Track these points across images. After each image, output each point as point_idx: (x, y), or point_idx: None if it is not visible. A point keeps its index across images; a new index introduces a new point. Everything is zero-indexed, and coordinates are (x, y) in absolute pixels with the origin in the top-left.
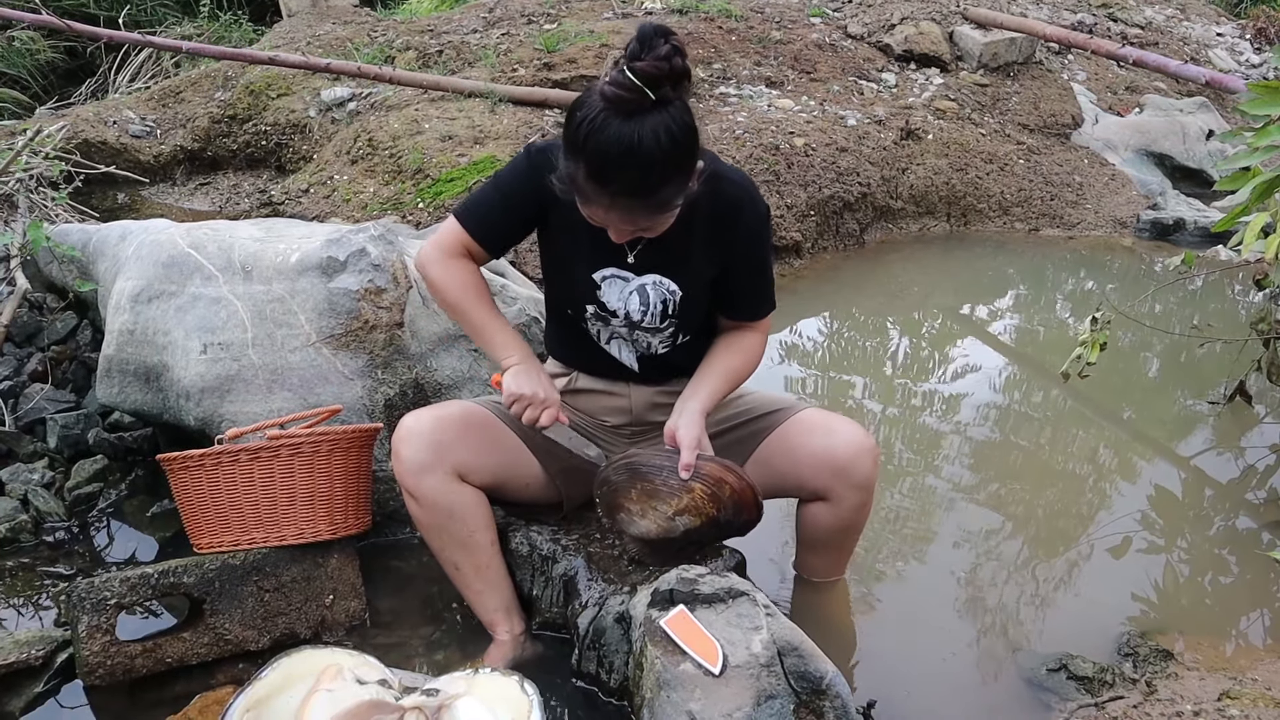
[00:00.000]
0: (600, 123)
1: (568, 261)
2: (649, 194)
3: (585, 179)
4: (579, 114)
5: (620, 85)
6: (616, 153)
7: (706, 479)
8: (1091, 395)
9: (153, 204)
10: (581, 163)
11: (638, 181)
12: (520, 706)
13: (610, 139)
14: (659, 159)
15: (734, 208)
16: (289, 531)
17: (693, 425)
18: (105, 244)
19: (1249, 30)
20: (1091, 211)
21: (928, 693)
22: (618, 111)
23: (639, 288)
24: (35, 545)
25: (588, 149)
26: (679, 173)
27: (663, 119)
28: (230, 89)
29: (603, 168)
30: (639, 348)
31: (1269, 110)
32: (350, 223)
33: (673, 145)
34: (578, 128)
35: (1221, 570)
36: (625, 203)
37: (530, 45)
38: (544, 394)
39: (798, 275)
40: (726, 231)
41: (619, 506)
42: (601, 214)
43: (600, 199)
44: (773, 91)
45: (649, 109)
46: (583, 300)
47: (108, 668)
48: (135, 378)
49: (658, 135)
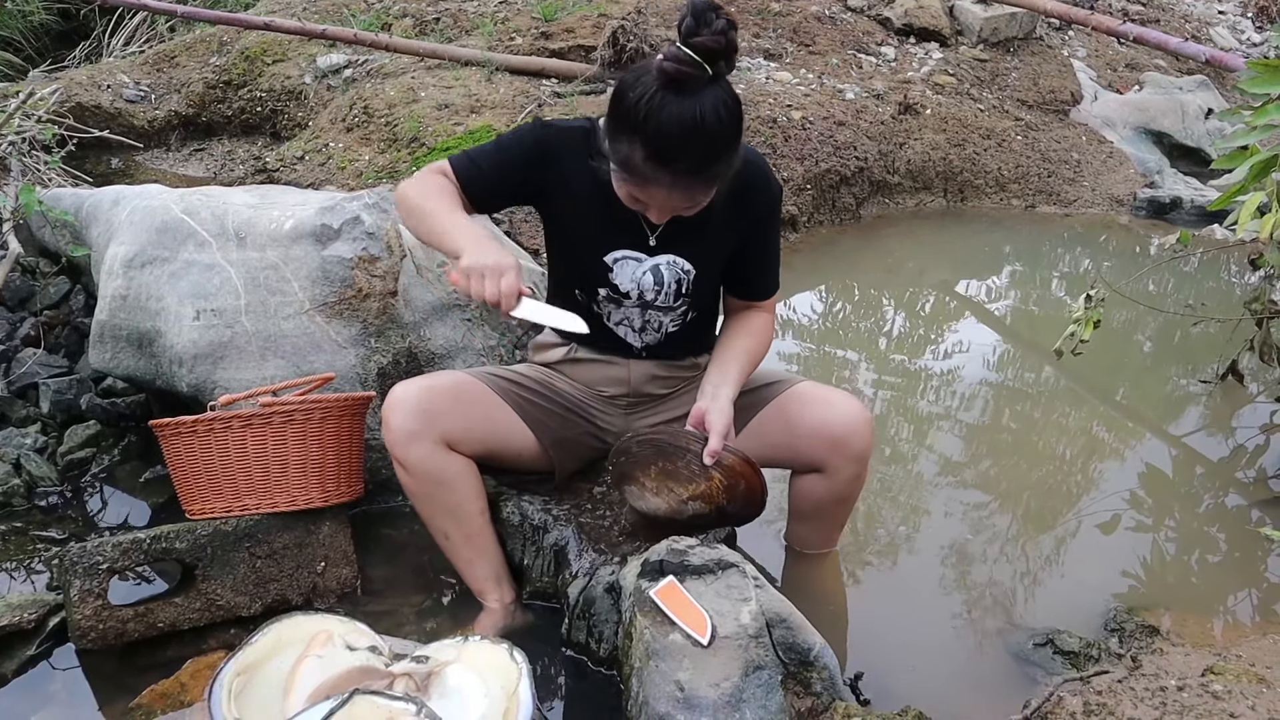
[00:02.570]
0: (660, 101)
1: (576, 247)
2: (710, 170)
3: (645, 160)
4: (633, 93)
5: (680, 60)
6: (679, 130)
7: (728, 470)
8: (1084, 373)
9: (147, 169)
10: (639, 143)
11: (702, 158)
12: (509, 674)
13: (673, 116)
14: (720, 133)
15: (752, 186)
16: (281, 498)
17: (725, 413)
18: (98, 209)
19: (1251, 8)
20: (1089, 189)
21: (915, 665)
22: (677, 88)
23: (652, 268)
24: (28, 510)
25: (648, 128)
26: (734, 146)
27: (719, 93)
28: (225, 54)
29: (666, 146)
30: (650, 327)
31: (1268, 89)
32: (345, 191)
33: (731, 119)
34: (634, 106)
35: (1209, 548)
36: (687, 180)
37: (528, 14)
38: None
39: (794, 249)
40: (744, 209)
41: (633, 479)
42: (661, 194)
43: (661, 178)
44: (771, 64)
45: (706, 84)
46: (594, 284)
47: (100, 632)
48: (128, 343)
49: (718, 110)
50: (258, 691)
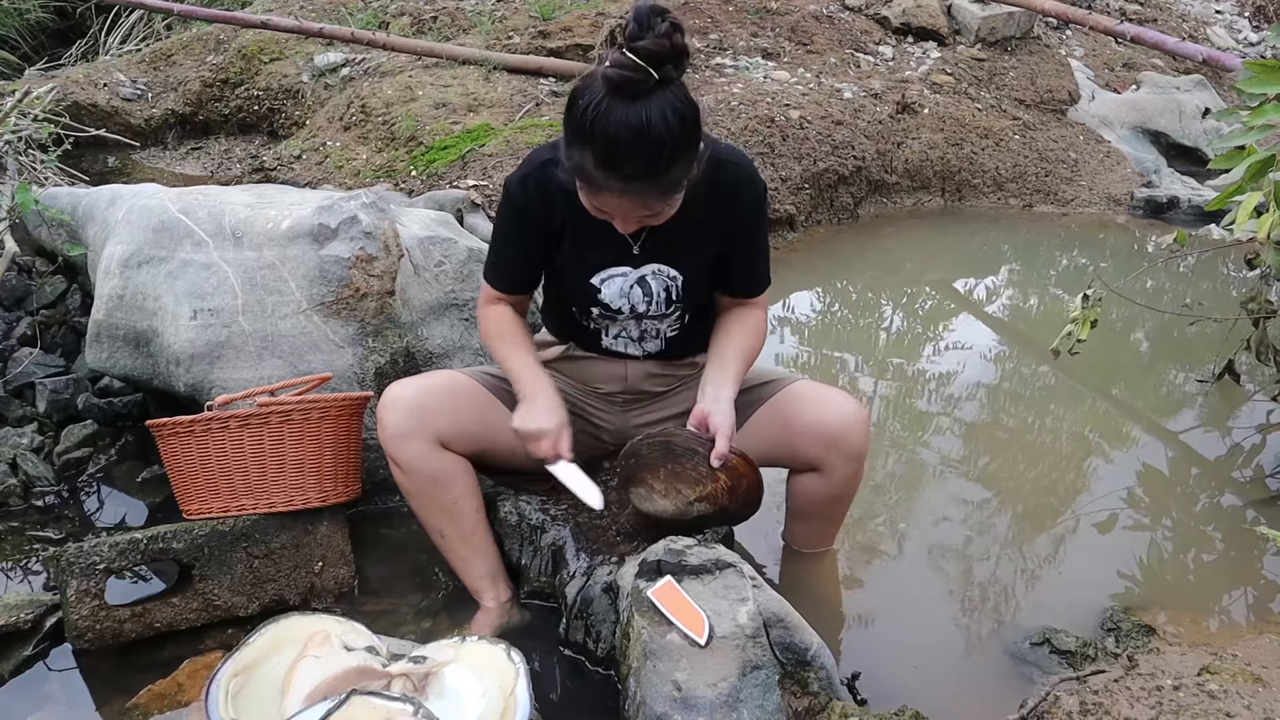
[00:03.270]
0: (605, 107)
1: (563, 273)
2: (661, 174)
3: (595, 166)
4: (581, 101)
5: (623, 66)
6: (626, 135)
7: (732, 471)
8: (1081, 372)
9: (143, 168)
10: (589, 150)
11: (649, 162)
12: (507, 674)
13: (618, 122)
14: (668, 138)
15: (733, 188)
16: (278, 498)
17: (729, 415)
18: (95, 208)
19: (1248, 8)
20: (1086, 188)
21: (912, 665)
22: (622, 94)
23: (639, 279)
24: (24, 509)
25: (595, 134)
26: (687, 151)
27: (668, 97)
28: (222, 53)
29: (612, 152)
30: (649, 335)
31: (1265, 89)
32: (342, 190)
33: (680, 123)
34: (582, 114)
35: (1206, 547)
36: (638, 186)
37: (526, 13)
38: (549, 425)
39: (791, 248)
40: (726, 212)
41: (640, 480)
42: (614, 201)
43: (612, 184)
44: (769, 63)
45: (653, 89)
46: (586, 304)
47: (96, 632)
48: (125, 343)
49: (665, 114)
50: (255, 692)
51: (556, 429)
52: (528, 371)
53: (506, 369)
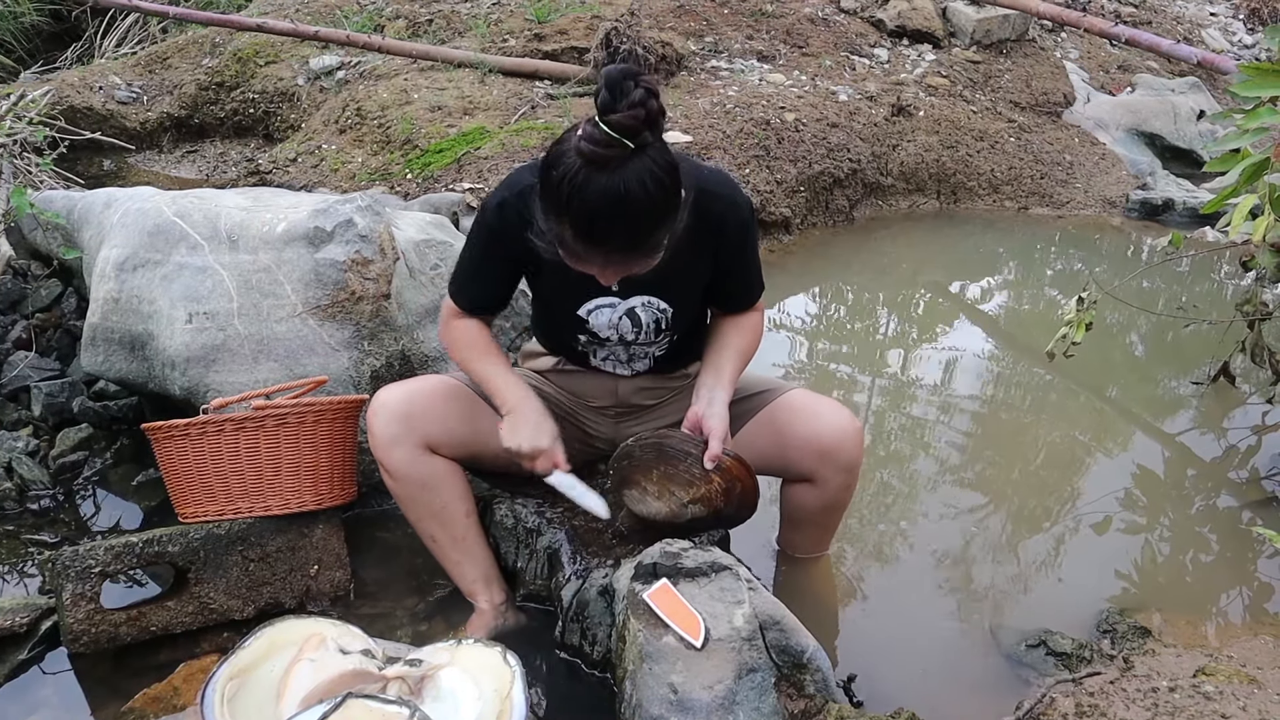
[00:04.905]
0: (582, 180)
1: (550, 303)
2: (642, 242)
3: (574, 239)
4: (556, 172)
5: (597, 141)
6: (605, 208)
7: (727, 473)
8: (1077, 374)
9: (139, 171)
10: (567, 222)
11: (630, 234)
12: (503, 677)
13: (595, 195)
14: (648, 207)
15: (718, 220)
16: (274, 502)
17: (722, 418)
18: (90, 211)
19: (1242, 10)
20: (1081, 190)
21: (908, 667)
22: (596, 167)
23: (628, 311)
24: (20, 513)
25: (573, 209)
26: (669, 215)
27: (645, 164)
28: (218, 56)
29: (591, 226)
30: (637, 357)
31: (1260, 92)
32: (338, 193)
33: (660, 190)
34: (558, 187)
35: (1201, 549)
36: (621, 257)
37: (521, 15)
38: (543, 444)
39: (787, 251)
40: (714, 242)
41: (634, 483)
42: (598, 269)
43: (593, 256)
44: (764, 65)
45: (629, 158)
46: (574, 332)
47: (92, 635)
48: (120, 346)
49: (644, 183)
50: (251, 695)
51: (550, 445)
52: (506, 383)
53: (482, 380)
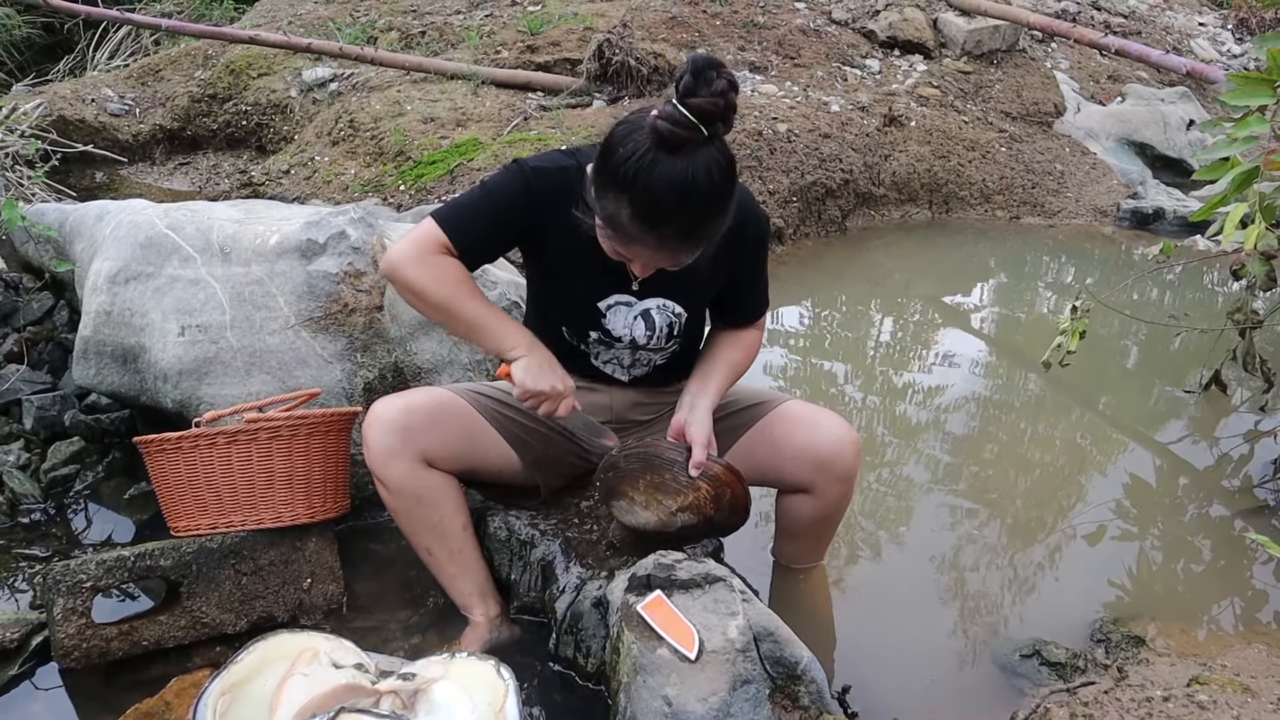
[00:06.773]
0: (651, 160)
1: (569, 290)
2: (698, 232)
3: (631, 219)
4: (623, 149)
5: (675, 121)
6: (670, 192)
7: (714, 480)
8: (1068, 384)
9: (131, 183)
10: (626, 201)
11: (691, 221)
12: (496, 690)
13: (663, 178)
14: (711, 197)
15: (739, 229)
16: (267, 515)
17: (705, 424)
18: (82, 224)
19: (1231, 20)
20: (1072, 200)
21: (903, 678)
22: (668, 148)
23: (643, 313)
24: (11, 527)
25: (638, 187)
26: (725, 208)
27: (713, 154)
28: (210, 68)
29: (654, 208)
30: (639, 363)
31: (1248, 101)
32: (331, 204)
33: (724, 181)
34: (624, 163)
35: (1195, 558)
36: (674, 243)
37: (514, 27)
38: (561, 385)
39: (780, 262)
40: (731, 252)
41: (621, 493)
42: (648, 254)
43: (647, 239)
44: (756, 76)
45: (699, 145)
46: (586, 327)
47: (83, 650)
48: (112, 359)
49: (710, 173)
50: (243, 710)
51: (568, 389)
52: (511, 326)
53: (476, 321)
